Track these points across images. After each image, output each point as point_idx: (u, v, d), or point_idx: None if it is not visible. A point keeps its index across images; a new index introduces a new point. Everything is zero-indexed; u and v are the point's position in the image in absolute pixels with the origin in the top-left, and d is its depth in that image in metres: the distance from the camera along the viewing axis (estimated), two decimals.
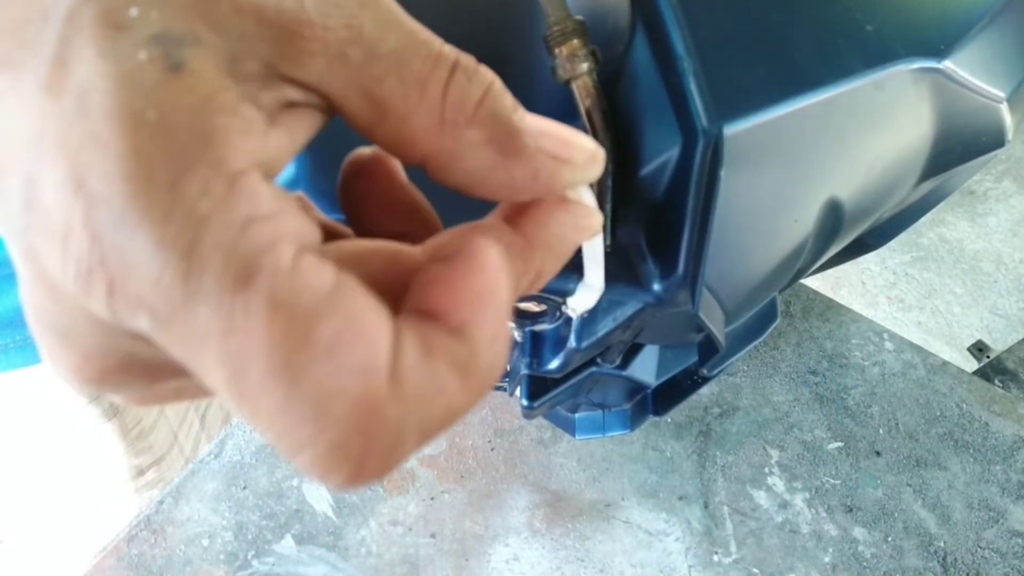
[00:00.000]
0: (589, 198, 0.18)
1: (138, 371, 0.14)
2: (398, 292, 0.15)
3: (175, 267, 0.11)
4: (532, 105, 0.32)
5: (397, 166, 0.18)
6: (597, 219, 0.18)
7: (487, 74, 0.15)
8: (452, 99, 0.15)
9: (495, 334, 0.14)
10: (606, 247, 0.28)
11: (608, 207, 0.28)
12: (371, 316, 0.13)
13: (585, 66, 0.26)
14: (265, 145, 0.13)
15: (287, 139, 0.14)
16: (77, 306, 0.12)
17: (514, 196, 0.16)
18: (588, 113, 0.27)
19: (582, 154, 0.17)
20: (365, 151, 0.18)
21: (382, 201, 0.18)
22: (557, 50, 0.26)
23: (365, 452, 0.12)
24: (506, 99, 0.16)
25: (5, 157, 0.12)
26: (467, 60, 0.15)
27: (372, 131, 0.15)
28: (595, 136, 0.27)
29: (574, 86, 0.26)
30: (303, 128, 0.15)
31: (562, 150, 0.16)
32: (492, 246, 0.14)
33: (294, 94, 0.14)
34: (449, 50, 0.15)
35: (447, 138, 0.15)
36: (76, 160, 0.11)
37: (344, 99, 0.14)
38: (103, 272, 0.12)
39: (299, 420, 0.12)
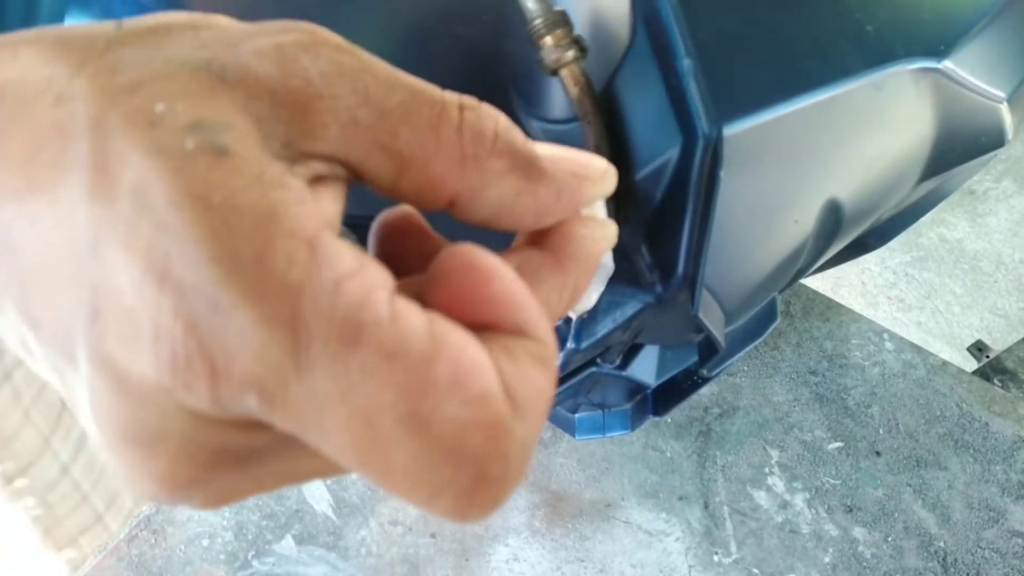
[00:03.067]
0: (603, 211, 0.19)
1: (230, 464, 0.14)
2: None
3: (280, 340, 0.11)
4: (542, 108, 0.32)
5: (424, 221, 0.18)
6: (613, 229, 0.19)
7: (493, 109, 0.16)
8: (468, 135, 0.15)
9: (544, 318, 0.15)
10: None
11: (612, 204, 0.28)
12: (471, 345, 0.13)
13: (571, 54, 0.26)
14: (320, 211, 0.13)
15: (332, 205, 0.14)
16: (168, 406, 0.12)
17: (541, 220, 0.17)
18: (579, 101, 0.27)
19: (597, 170, 0.17)
20: (394, 211, 0.18)
21: (416, 256, 0.18)
22: (542, 41, 0.26)
23: (506, 474, 0.13)
24: (516, 130, 0.16)
25: (49, 280, 0.12)
26: (470, 99, 0.16)
27: (397, 187, 0.15)
28: (588, 123, 0.27)
29: (562, 75, 0.26)
30: (335, 200, 0.15)
31: (579, 169, 0.17)
32: (474, 249, 0.15)
33: (319, 167, 0.14)
34: (451, 94, 0.15)
35: (471, 173, 0.15)
36: (151, 255, 0.11)
37: (365, 161, 0.14)
38: (203, 360, 0.11)
39: (438, 464, 0.12)
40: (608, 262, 0.28)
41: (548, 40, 0.26)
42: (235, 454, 0.14)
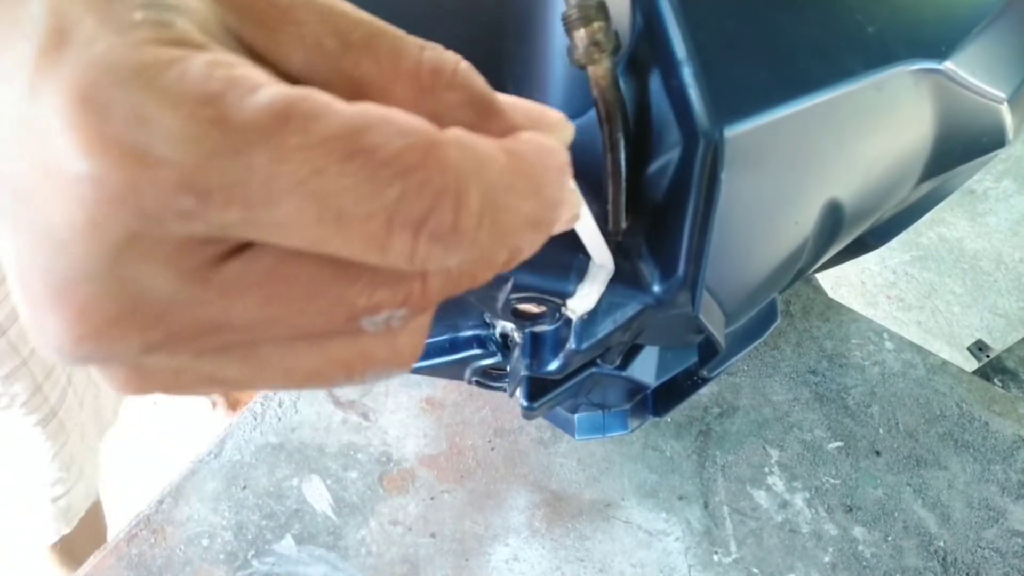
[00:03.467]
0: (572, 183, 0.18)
1: (140, 321, 0.13)
2: None
3: (207, 134, 0.12)
4: (544, 97, 0.32)
5: None
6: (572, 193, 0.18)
7: (455, 55, 0.16)
8: (427, 68, 0.16)
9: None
10: (622, 229, 0.28)
11: (623, 189, 0.28)
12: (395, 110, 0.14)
13: (605, 51, 0.25)
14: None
15: None
16: (86, 246, 0.12)
17: None
18: (602, 99, 0.26)
19: (553, 117, 0.18)
20: None
21: None
22: (576, 32, 0.25)
23: (450, 187, 0.13)
24: (477, 74, 0.16)
25: None
26: (432, 43, 0.16)
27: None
28: (608, 123, 0.26)
29: (590, 71, 0.25)
30: None
31: (534, 114, 0.17)
32: None
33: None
34: (414, 37, 0.16)
35: (428, 102, 0.16)
36: (81, 83, 0.12)
37: (326, 85, 0.15)
38: (133, 172, 0.12)
39: (383, 185, 0.13)
40: (608, 262, 0.29)
41: (581, 32, 0.25)
42: (147, 307, 0.13)
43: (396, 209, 0.13)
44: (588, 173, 0.30)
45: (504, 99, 0.17)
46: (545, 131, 0.17)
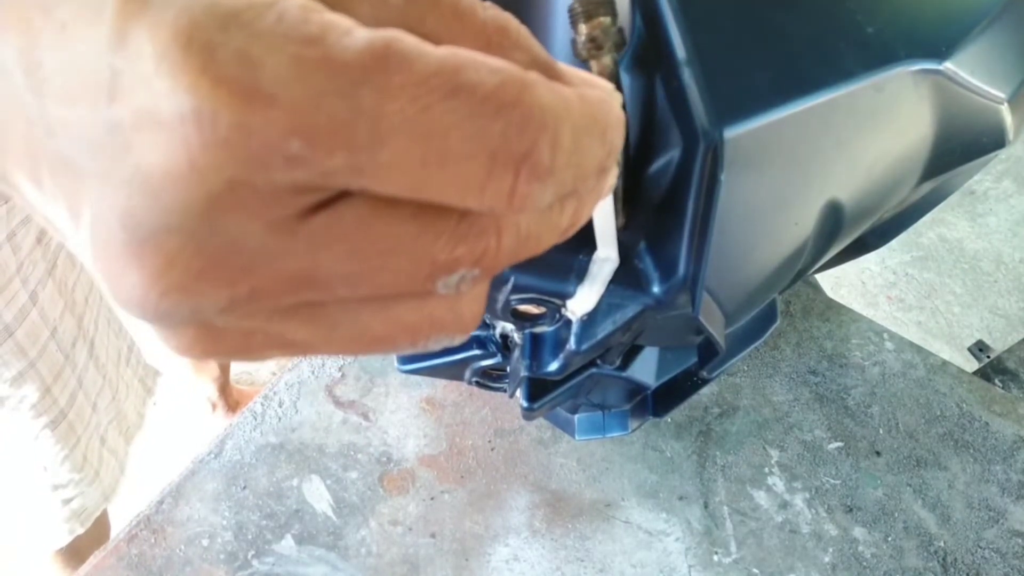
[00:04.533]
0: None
1: (228, 273, 0.13)
2: None
3: (315, 76, 0.12)
4: None
5: None
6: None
7: (511, 15, 0.16)
8: (493, 25, 0.15)
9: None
10: (619, 224, 0.28)
11: (620, 183, 0.27)
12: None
13: (608, 46, 0.25)
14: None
15: None
16: (174, 195, 0.12)
17: None
18: None
19: (607, 85, 0.17)
20: None
21: None
22: (579, 26, 0.25)
23: (548, 121, 0.13)
24: (535, 40, 0.16)
25: (65, 80, 0.12)
26: (491, 3, 0.16)
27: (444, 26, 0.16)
28: None
29: (592, 66, 0.25)
30: None
31: (589, 81, 0.17)
32: None
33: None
34: None
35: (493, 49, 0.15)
36: (177, 24, 0.11)
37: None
38: (242, 107, 0.11)
39: (488, 122, 0.13)
40: (613, 255, 0.28)
41: (584, 27, 0.24)
42: (235, 260, 0.13)
43: (499, 146, 0.13)
44: None
45: (560, 64, 0.17)
46: (604, 87, 0.17)
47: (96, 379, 0.75)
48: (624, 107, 0.19)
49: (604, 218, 0.25)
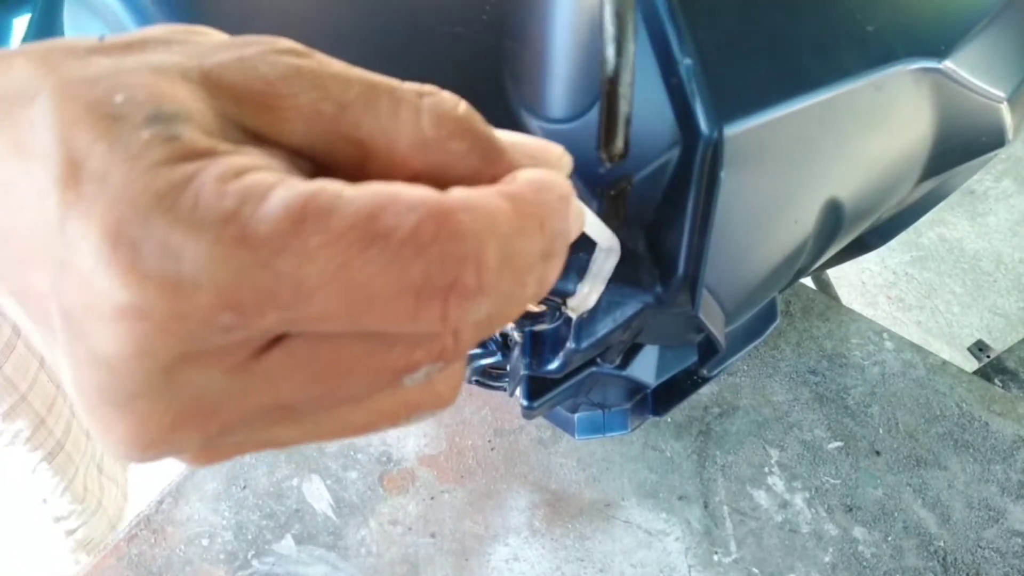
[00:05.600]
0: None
1: (197, 418, 0.14)
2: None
3: (232, 253, 0.13)
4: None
5: None
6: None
7: (453, 95, 0.16)
8: (428, 118, 0.16)
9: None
10: (620, 152, 0.27)
11: (627, 109, 0.26)
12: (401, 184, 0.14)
13: None
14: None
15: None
16: (130, 371, 0.13)
17: None
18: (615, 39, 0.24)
19: (554, 154, 0.18)
20: None
21: None
22: None
23: (471, 252, 0.14)
24: (476, 114, 0.17)
25: (29, 258, 0.13)
26: (430, 87, 0.16)
27: (364, 173, 0.16)
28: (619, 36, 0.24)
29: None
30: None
31: (536, 151, 0.17)
32: None
33: (285, 159, 0.15)
34: (409, 84, 0.16)
35: (433, 155, 0.16)
36: (107, 221, 0.12)
37: (332, 152, 0.15)
38: (170, 298, 0.12)
39: (407, 265, 0.13)
40: (613, 253, 0.28)
41: None
42: (201, 406, 0.14)
43: (422, 284, 0.13)
44: (590, 172, 0.30)
45: (504, 137, 0.17)
46: (544, 166, 0.17)
47: None
48: (574, 174, 0.19)
49: (596, 230, 0.25)
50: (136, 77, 0.13)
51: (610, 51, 0.24)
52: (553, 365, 0.36)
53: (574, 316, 0.32)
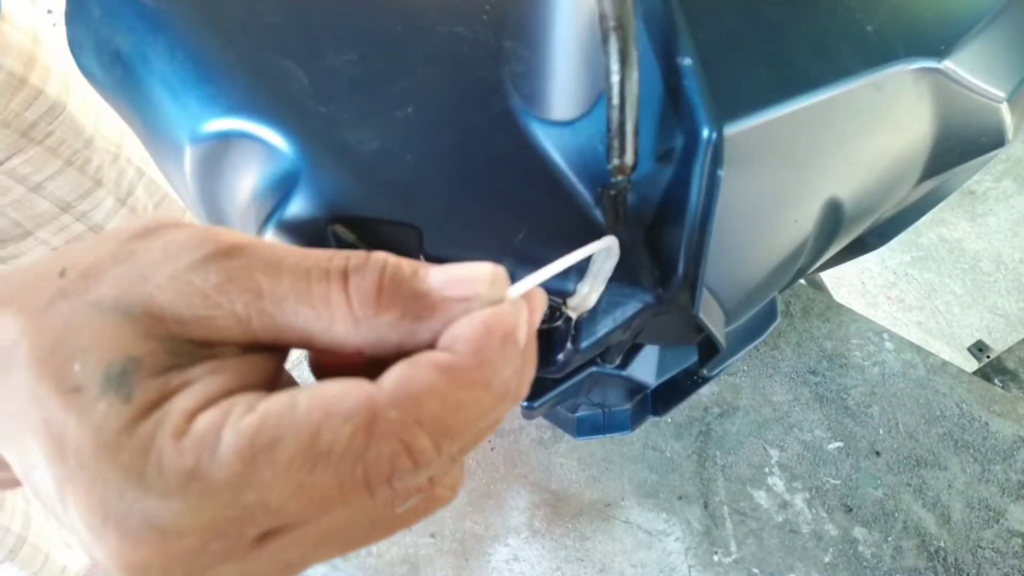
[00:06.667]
0: (513, 292, 0.19)
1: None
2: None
3: (211, 522, 0.15)
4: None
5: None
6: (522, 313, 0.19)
7: (378, 258, 0.18)
8: (356, 300, 0.17)
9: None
10: (630, 164, 0.27)
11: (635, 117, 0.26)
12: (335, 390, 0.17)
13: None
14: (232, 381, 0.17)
15: (236, 378, 0.17)
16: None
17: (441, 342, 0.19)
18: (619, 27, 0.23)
19: (483, 283, 0.18)
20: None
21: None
22: None
23: (395, 451, 0.16)
24: (402, 271, 0.18)
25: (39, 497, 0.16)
26: (356, 258, 0.17)
27: (310, 348, 0.18)
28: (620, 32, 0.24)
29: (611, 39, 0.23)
30: (267, 361, 0.18)
31: (467, 290, 0.18)
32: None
33: (233, 355, 0.17)
34: (337, 260, 0.17)
35: (365, 331, 0.17)
36: (92, 501, 0.15)
37: (276, 339, 0.17)
38: (154, 556, 0.15)
39: (351, 473, 0.16)
40: (613, 253, 0.28)
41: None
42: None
43: (367, 480, 0.16)
44: (590, 172, 0.30)
45: (434, 276, 0.18)
46: (480, 288, 0.18)
47: None
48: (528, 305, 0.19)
49: (583, 260, 0.25)
50: (87, 335, 0.15)
51: (615, 64, 0.23)
52: (553, 365, 0.36)
53: (574, 316, 0.32)
